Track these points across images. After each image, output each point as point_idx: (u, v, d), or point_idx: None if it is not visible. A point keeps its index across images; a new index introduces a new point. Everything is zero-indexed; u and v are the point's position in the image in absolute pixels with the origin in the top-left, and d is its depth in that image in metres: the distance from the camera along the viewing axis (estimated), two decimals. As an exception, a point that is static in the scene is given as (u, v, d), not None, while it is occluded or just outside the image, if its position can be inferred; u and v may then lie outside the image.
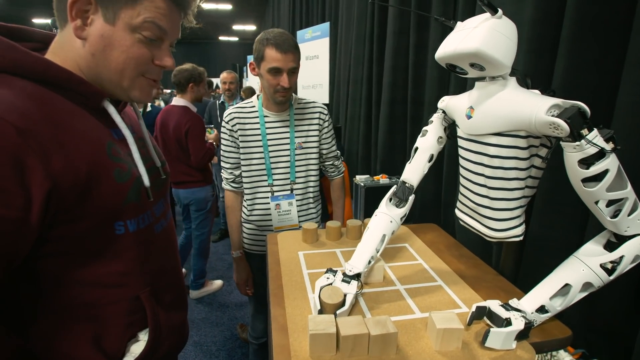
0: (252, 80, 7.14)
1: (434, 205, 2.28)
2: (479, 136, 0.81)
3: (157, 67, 0.71)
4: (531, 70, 1.45)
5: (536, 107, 0.69)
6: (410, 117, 2.58)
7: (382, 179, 2.72)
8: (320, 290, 0.79)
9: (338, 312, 0.76)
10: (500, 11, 0.69)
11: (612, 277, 0.72)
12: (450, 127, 0.97)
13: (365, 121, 3.61)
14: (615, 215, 0.70)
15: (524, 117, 0.71)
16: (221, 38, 18.86)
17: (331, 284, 0.83)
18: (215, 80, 6.49)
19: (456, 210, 0.96)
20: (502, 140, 0.76)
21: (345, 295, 0.79)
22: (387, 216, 0.94)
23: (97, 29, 0.64)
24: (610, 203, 0.70)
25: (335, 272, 0.87)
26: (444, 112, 0.95)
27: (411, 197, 0.96)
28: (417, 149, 0.97)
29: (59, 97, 0.64)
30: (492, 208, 0.83)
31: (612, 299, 1.05)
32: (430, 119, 0.98)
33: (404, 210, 0.95)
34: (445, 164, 2.08)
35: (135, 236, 0.72)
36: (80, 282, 0.67)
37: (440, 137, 0.96)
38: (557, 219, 1.31)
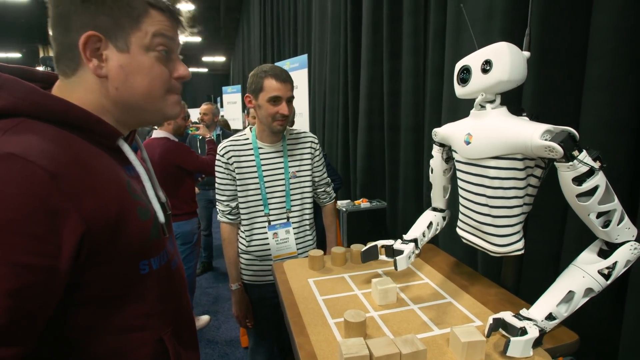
0: (227, 112, 7.23)
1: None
2: (478, 160, 0.88)
3: (177, 81, 0.73)
4: (504, 94, 1.59)
5: (530, 132, 0.77)
6: (388, 142, 2.68)
7: (363, 203, 2.78)
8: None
9: (398, 258, 0.94)
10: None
11: (609, 282, 0.80)
12: (449, 153, 1.06)
13: (343, 147, 3.70)
14: (605, 225, 0.78)
15: (519, 142, 0.79)
16: (191, 69, 18.91)
17: (392, 245, 1.04)
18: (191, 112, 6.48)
19: (458, 230, 1.03)
20: (501, 163, 0.84)
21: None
22: (430, 211, 1.16)
23: (115, 61, 0.65)
24: (599, 215, 0.79)
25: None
26: (440, 144, 1.05)
27: (447, 211, 1.18)
28: (431, 184, 1.14)
29: (77, 138, 0.63)
30: (495, 225, 0.90)
31: (595, 306, 1.13)
32: (432, 153, 1.11)
33: (443, 213, 1.17)
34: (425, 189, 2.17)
35: (157, 275, 0.72)
36: (108, 329, 0.65)
37: (445, 169, 1.10)
38: (537, 233, 1.40)
